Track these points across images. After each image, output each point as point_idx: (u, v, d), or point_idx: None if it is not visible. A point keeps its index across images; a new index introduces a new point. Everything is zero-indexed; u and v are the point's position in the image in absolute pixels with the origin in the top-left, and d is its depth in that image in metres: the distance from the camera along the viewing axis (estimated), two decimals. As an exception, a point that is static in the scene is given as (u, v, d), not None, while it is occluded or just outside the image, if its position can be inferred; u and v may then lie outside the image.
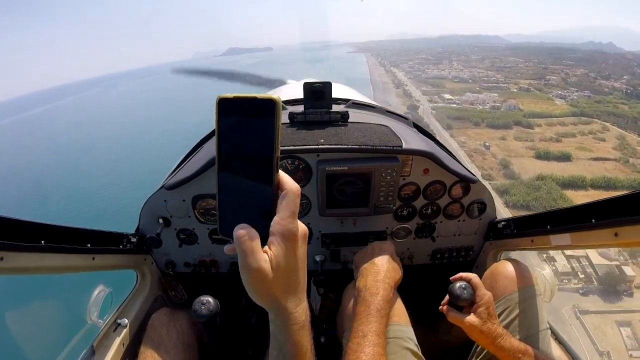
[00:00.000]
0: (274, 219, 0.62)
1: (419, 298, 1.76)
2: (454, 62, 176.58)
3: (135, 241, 1.72)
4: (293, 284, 0.66)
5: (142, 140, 70.58)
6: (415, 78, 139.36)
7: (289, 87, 3.68)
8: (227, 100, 0.61)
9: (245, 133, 0.61)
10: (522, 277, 1.49)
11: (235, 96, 0.61)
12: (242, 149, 0.62)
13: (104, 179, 47.66)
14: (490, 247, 2.00)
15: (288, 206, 0.62)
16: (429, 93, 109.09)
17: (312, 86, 1.68)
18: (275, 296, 0.64)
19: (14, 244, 1.03)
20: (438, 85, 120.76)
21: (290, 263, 0.63)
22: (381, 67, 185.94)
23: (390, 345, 1.25)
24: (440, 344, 1.84)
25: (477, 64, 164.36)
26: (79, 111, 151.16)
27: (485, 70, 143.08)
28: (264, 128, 0.60)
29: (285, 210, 0.62)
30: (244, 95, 0.60)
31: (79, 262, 1.36)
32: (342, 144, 1.58)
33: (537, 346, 1.31)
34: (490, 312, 1.29)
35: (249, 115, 0.60)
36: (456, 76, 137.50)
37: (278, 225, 0.61)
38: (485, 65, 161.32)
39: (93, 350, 1.46)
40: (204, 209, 1.75)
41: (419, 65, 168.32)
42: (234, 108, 0.61)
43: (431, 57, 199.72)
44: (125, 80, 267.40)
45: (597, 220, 1.21)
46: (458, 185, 1.80)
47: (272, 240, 0.61)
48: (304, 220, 1.79)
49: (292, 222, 0.62)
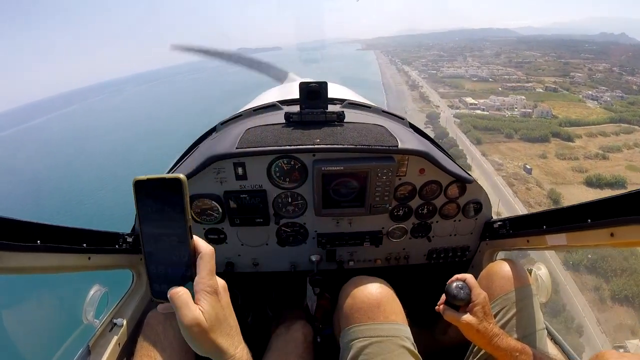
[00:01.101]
0: (196, 279, 0.73)
1: (415, 298, 1.78)
2: (468, 57, 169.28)
3: (131, 241, 1.71)
4: (227, 329, 0.77)
5: (139, 141, 70.56)
6: (430, 78, 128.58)
7: (286, 86, 3.61)
8: (141, 182, 0.71)
9: (159, 209, 0.72)
10: (518, 277, 1.50)
11: (147, 178, 0.71)
12: (159, 223, 0.72)
13: (100, 178, 48.31)
14: (486, 247, 2.01)
15: (205, 266, 0.74)
16: (448, 96, 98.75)
17: (308, 86, 1.69)
18: (215, 343, 0.74)
19: (10, 244, 1.03)
20: (457, 85, 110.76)
21: (219, 313, 0.74)
22: (392, 66, 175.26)
23: (388, 344, 1.27)
24: (436, 343, 1.85)
25: (494, 59, 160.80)
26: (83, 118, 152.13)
27: (503, 67, 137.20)
28: (174, 203, 0.71)
29: (204, 270, 0.74)
30: (155, 177, 0.71)
31: (74, 261, 1.36)
32: (338, 143, 1.59)
33: (533, 346, 1.32)
34: (486, 311, 1.31)
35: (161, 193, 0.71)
36: (474, 74, 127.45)
37: (200, 284, 0.73)
38: (502, 61, 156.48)
39: (89, 350, 1.48)
40: (200, 209, 1.76)
41: (433, 63, 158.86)
42: (147, 188, 0.71)
43: (443, 52, 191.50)
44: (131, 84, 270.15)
45: (593, 220, 1.22)
46: (454, 185, 1.82)
47: (198, 297, 0.72)
48: (299, 220, 1.86)
49: (211, 279, 0.74)
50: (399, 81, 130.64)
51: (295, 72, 5.47)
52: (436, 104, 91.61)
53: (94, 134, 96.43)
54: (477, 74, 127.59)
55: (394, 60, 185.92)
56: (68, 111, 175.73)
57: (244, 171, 1.67)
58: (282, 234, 1.92)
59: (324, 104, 1.74)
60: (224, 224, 1.84)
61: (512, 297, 1.46)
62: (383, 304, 1.37)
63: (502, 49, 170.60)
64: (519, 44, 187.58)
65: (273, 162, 1.67)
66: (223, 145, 1.63)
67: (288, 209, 1.83)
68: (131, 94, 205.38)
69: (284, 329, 1.68)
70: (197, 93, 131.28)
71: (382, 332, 1.30)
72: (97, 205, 39.27)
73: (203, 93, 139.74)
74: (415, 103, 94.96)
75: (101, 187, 45.26)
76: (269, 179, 1.71)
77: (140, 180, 0.71)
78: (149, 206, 0.72)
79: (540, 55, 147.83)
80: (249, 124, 1.80)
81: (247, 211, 1.77)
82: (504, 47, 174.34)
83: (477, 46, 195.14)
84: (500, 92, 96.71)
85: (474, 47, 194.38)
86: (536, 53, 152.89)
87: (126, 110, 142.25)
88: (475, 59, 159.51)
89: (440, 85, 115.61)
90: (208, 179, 1.68)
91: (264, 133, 1.68)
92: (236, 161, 1.65)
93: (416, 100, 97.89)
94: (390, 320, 1.34)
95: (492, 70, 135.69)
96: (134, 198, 0.71)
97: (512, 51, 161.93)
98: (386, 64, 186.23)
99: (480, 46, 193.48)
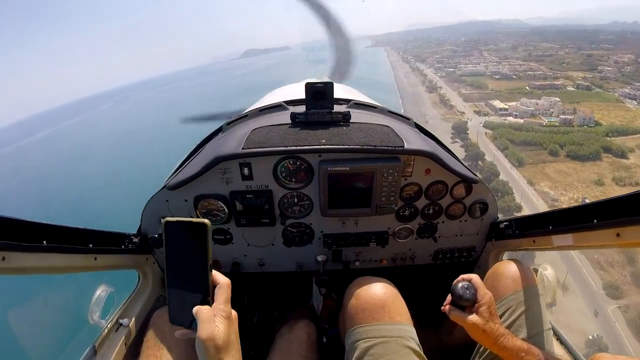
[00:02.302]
0: (214, 304, 0.87)
1: (420, 298, 1.80)
2: (484, 52, 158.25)
3: (137, 241, 1.75)
4: (234, 352, 0.87)
5: (145, 142, 71.54)
6: (448, 77, 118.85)
7: (292, 87, 3.51)
8: (171, 223, 0.85)
9: (185, 246, 0.86)
10: (524, 277, 1.51)
11: (177, 220, 0.85)
12: (184, 257, 0.87)
13: (106, 179, 48.67)
14: (492, 247, 2.02)
15: (222, 295, 0.88)
16: (471, 98, 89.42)
17: (314, 86, 1.71)
18: None
19: (16, 244, 1.04)
20: (479, 85, 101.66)
21: (230, 336, 0.86)
22: (405, 64, 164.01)
23: (393, 344, 1.29)
24: (442, 344, 1.85)
25: (511, 53, 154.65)
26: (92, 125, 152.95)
27: (524, 62, 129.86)
28: (199, 242, 0.85)
29: (221, 298, 0.87)
30: (183, 219, 0.85)
31: (80, 262, 1.38)
32: (343, 144, 1.61)
33: (539, 346, 1.33)
34: (491, 311, 1.32)
35: (187, 234, 0.85)
36: (495, 71, 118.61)
37: (217, 309, 0.86)
38: (521, 55, 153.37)
39: (95, 351, 1.50)
40: (206, 209, 1.79)
41: (448, 59, 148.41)
42: (176, 228, 0.86)
43: (456, 47, 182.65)
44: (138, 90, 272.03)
45: (599, 221, 1.22)
46: (460, 185, 1.83)
47: (215, 320, 0.84)
48: (305, 221, 1.87)
49: (227, 306, 0.88)
50: (414, 81, 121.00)
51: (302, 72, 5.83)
52: (460, 108, 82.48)
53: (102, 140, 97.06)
54: (499, 71, 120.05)
55: (407, 58, 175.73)
56: (76, 120, 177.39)
57: (250, 171, 1.69)
58: (288, 234, 1.94)
59: (329, 104, 1.74)
60: (229, 225, 1.86)
61: (518, 297, 1.46)
62: (388, 305, 1.38)
63: (518, 42, 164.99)
64: (533, 35, 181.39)
65: (279, 162, 1.69)
66: (229, 145, 1.65)
67: (294, 209, 1.84)
68: (139, 100, 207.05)
69: (288, 329, 1.69)
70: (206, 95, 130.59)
71: (387, 332, 1.31)
72: (104, 206, 38.94)
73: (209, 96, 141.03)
74: (435, 108, 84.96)
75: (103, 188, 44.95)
76: (275, 179, 1.73)
77: (170, 221, 0.85)
78: (176, 243, 0.86)
79: (558, 47, 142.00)
80: (255, 124, 1.80)
81: (253, 211, 1.79)
82: (519, 40, 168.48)
83: (491, 39, 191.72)
84: (529, 93, 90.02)
85: (488, 40, 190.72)
86: (554, 45, 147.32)
87: (133, 116, 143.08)
88: (492, 54, 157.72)
89: (461, 84, 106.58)
90: (214, 179, 1.70)
91: (270, 133, 1.70)
92: (242, 161, 1.66)
93: (436, 105, 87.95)
94: (395, 321, 1.35)
95: (513, 66, 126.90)
96: (163, 235, 0.86)
97: (529, 43, 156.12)
98: (398, 61, 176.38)
99: (494, 39, 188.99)
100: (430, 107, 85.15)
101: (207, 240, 0.84)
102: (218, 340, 0.82)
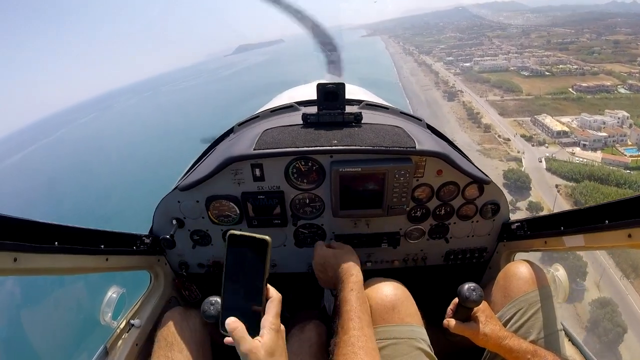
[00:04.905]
0: (265, 317, 0.89)
1: (432, 299, 1.79)
2: (493, 39, 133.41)
3: (148, 242, 1.75)
4: None
5: (156, 143, 71.06)
6: (464, 74, 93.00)
7: (303, 88, 3.50)
8: (234, 235, 0.89)
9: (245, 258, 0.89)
10: (535, 278, 1.50)
11: (241, 234, 0.89)
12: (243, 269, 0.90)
13: (118, 180, 48.09)
14: (503, 248, 2.00)
15: (273, 309, 0.90)
16: (508, 111, 64.57)
17: (326, 87, 1.70)
18: None
19: (27, 245, 1.04)
20: (509, 87, 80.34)
21: (276, 347, 0.88)
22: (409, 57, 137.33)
23: (403, 346, 1.28)
24: (452, 345, 1.80)
25: (527, 41, 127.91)
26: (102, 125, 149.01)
27: (548, 52, 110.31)
28: (259, 257, 0.89)
29: (272, 311, 0.90)
30: (247, 234, 0.89)
31: (92, 263, 1.37)
32: (355, 145, 1.60)
33: (550, 347, 1.33)
34: (487, 314, 1.35)
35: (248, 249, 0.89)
36: (521, 66, 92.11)
37: (267, 322, 0.89)
38: (539, 42, 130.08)
39: (106, 351, 1.52)
40: (218, 210, 1.79)
41: (458, 50, 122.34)
42: (238, 241, 0.89)
43: (460, 34, 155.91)
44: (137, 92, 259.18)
45: (611, 222, 1.21)
46: (472, 186, 1.81)
47: (264, 332, 0.87)
48: (317, 221, 1.88)
49: (276, 319, 0.90)
50: (424, 81, 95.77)
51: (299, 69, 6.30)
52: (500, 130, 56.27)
53: (113, 140, 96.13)
54: (525, 65, 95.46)
55: (408, 49, 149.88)
56: (85, 120, 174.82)
57: (261, 172, 1.68)
58: (300, 235, 1.93)
59: (341, 105, 1.73)
60: (241, 226, 1.86)
61: (529, 298, 1.45)
62: (398, 306, 1.37)
63: (528, 28, 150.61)
64: (537, 17, 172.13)
65: (290, 163, 1.68)
66: (240, 146, 1.65)
67: (305, 210, 1.83)
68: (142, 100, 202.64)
69: (299, 330, 1.68)
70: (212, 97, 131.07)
71: (398, 334, 1.31)
72: (116, 207, 38.08)
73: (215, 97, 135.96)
74: (465, 130, 57.49)
75: (115, 189, 44.47)
76: (287, 180, 1.72)
77: (234, 234, 0.89)
78: (237, 254, 0.89)
79: (574, 32, 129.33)
80: (266, 125, 1.80)
81: (265, 212, 1.79)
82: (527, 24, 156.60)
83: (497, 24, 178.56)
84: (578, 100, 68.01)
85: (494, 25, 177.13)
86: (568, 30, 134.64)
87: (142, 117, 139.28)
88: (504, 41, 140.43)
89: (485, 86, 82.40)
90: (226, 181, 1.70)
91: (282, 134, 1.69)
92: (254, 162, 1.66)
93: (464, 122, 60.80)
94: (406, 322, 1.34)
95: (539, 58, 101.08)
96: (225, 246, 0.89)
97: (539, 28, 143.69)
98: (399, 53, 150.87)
99: (497, 24, 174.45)
100: (457, 128, 58.32)
101: (266, 256, 0.89)
102: (258, 352, 0.84)
